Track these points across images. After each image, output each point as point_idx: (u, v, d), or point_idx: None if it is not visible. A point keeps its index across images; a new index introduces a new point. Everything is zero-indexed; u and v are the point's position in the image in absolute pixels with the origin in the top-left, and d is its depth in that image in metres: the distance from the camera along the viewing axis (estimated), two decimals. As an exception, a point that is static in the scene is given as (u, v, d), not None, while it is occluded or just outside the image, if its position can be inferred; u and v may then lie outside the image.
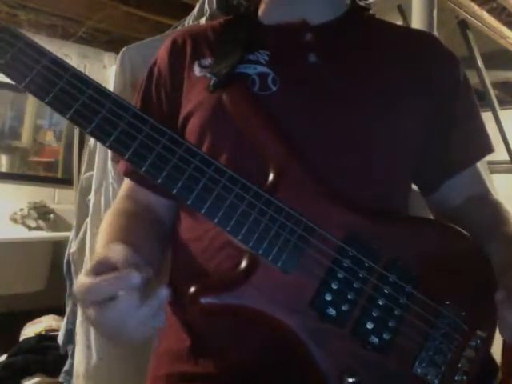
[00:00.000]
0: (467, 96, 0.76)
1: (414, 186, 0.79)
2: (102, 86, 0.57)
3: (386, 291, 0.57)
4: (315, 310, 0.56)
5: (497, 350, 0.66)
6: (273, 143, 0.60)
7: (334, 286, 0.57)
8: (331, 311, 0.56)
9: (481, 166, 0.78)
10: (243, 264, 0.58)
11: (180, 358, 0.68)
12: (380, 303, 0.57)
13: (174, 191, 0.56)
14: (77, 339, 1.37)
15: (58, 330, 1.83)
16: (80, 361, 1.32)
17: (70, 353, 1.57)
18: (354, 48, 0.72)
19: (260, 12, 0.78)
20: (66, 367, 1.59)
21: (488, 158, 0.78)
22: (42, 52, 0.56)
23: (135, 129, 0.56)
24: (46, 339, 2.18)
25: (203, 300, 0.55)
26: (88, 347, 1.30)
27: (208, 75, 0.66)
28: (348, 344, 0.56)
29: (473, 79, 2.29)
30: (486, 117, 2.16)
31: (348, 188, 0.61)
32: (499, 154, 2.31)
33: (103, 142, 0.56)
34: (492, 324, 0.59)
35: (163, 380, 0.68)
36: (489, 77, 2.27)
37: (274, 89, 0.66)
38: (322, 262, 0.57)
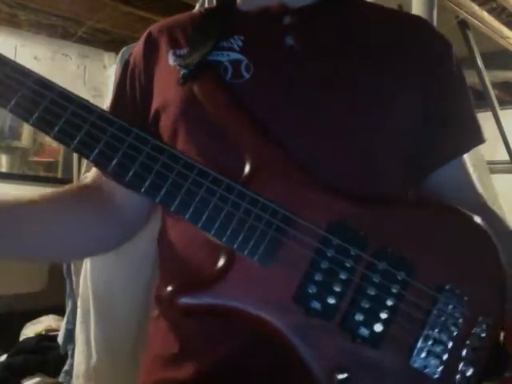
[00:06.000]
0: (459, 84, 0.72)
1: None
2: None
3: (375, 280, 0.54)
4: (299, 305, 0.53)
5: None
6: (246, 134, 0.58)
7: (318, 278, 0.53)
8: (316, 304, 0.53)
9: (480, 166, 0.75)
10: (220, 260, 0.56)
11: (166, 364, 0.66)
12: (370, 293, 0.53)
13: (142, 190, 0.55)
14: (77, 339, 1.37)
15: (58, 330, 1.82)
16: (80, 361, 1.32)
17: (69, 353, 1.57)
18: (335, 30, 0.68)
19: None
20: (65, 367, 1.58)
21: (488, 157, 0.76)
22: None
23: (102, 130, 0.56)
24: (45, 339, 2.17)
25: (180, 300, 0.54)
26: (88, 347, 1.30)
27: (178, 68, 0.63)
28: (337, 339, 0.53)
29: (473, 79, 2.29)
30: (486, 117, 2.16)
31: (332, 175, 0.58)
32: (499, 154, 2.31)
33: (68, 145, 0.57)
34: (499, 309, 0.54)
35: None
36: (489, 77, 2.27)
37: (247, 76, 0.64)
38: (303, 253, 0.54)
